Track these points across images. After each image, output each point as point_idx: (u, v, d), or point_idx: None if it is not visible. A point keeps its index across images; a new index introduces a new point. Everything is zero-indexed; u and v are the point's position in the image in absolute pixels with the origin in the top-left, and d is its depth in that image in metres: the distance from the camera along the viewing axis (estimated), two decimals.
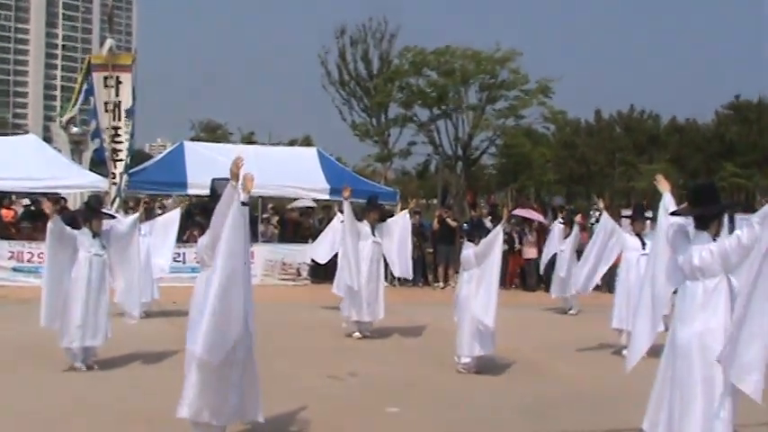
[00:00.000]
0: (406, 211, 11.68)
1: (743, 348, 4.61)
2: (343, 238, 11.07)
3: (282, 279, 17.62)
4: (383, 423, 6.78)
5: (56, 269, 8.24)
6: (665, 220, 5.41)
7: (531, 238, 18.02)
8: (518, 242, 18.13)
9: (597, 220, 13.36)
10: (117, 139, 16.27)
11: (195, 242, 7.70)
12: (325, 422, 6.60)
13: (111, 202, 15.54)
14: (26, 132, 41.34)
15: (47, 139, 27.53)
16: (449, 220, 18.74)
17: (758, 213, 4.80)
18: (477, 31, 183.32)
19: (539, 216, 18.70)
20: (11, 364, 8.55)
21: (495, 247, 8.60)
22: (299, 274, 17.79)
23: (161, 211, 17.54)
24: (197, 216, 15.90)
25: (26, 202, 18.38)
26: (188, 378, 5.57)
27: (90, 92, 16.47)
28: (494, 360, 8.99)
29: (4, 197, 18.72)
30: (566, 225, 14.78)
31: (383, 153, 37.42)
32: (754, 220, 4.79)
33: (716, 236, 5.16)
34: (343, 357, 9.51)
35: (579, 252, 12.48)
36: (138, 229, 9.37)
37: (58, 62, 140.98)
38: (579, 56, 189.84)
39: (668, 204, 5.48)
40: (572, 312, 14.21)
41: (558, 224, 15.13)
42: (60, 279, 8.24)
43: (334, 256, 12.44)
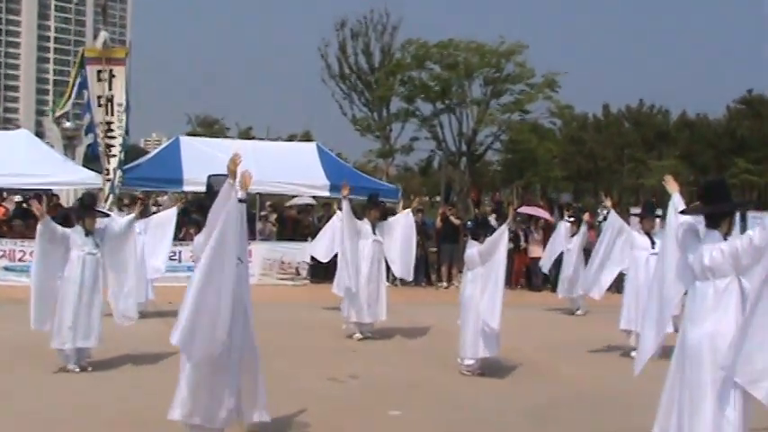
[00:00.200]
0: (408, 211, 11.52)
1: (756, 354, 4.56)
2: (341, 237, 10.85)
3: (281, 278, 17.33)
4: (384, 425, 6.73)
5: (45, 270, 8.09)
6: (674, 219, 5.32)
7: (538, 236, 17.82)
8: (524, 240, 17.93)
9: (605, 218, 13.03)
10: (110, 134, 16.22)
11: (191, 240, 7.67)
12: (324, 423, 6.55)
13: (105, 200, 15.35)
14: (18, 127, 41.23)
15: (39, 134, 27.40)
16: (452, 218, 18.48)
17: None
18: (481, 24, 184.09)
19: (545, 214, 18.49)
20: (8, 364, 8.51)
21: (501, 246, 8.48)
22: (297, 274, 17.53)
23: (156, 208, 17.22)
24: (193, 213, 15.69)
25: (18, 198, 18.04)
26: (181, 380, 5.47)
27: (84, 85, 16.48)
28: (498, 362, 8.87)
29: None
30: (573, 223, 14.50)
31: (385, 149, 37.08)
32: (767, 221, 4.71)
33: (727, 234, 5.06)
34: (343, 358, 9.43)
35: (587, 251, 12.28)
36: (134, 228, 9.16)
37: (51, 55, 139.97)
38: (586, 49, 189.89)
39: (678, 204, 5.38)
40: (579, 313, 14.01)
41: (565, 222, 14.88)
42: (50, 280, 8.09)
43: (335, 255, 12.19)
